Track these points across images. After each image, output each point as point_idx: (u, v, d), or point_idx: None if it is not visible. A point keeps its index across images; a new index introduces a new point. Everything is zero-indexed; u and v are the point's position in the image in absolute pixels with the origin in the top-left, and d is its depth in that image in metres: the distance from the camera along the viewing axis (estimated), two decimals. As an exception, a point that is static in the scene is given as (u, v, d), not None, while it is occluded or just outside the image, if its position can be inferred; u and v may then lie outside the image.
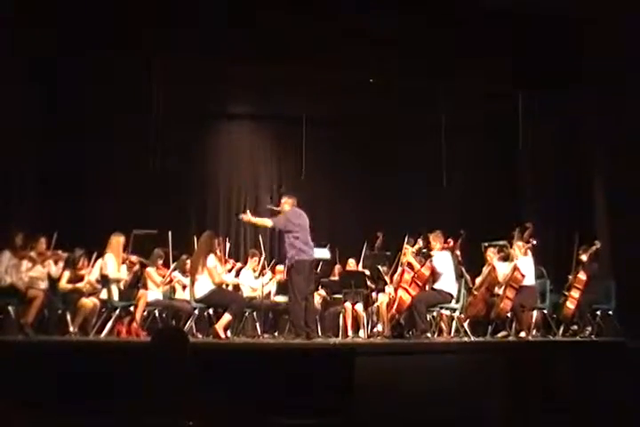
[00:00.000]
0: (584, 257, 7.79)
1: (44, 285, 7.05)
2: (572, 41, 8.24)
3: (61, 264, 7.33)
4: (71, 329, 6.98)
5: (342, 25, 7.78)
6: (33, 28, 7.36)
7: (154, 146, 8.92)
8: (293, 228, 6.60)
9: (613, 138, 8.18)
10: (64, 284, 7.38)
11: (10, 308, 6.79)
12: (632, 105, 7.68)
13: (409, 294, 7.04)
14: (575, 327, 7.67)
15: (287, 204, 6.85)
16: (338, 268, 8.55)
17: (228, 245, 8.33)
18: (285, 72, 8.66)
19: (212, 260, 6.63)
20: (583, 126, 8.92)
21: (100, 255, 7.26)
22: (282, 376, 4.50)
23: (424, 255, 7.40)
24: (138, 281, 7.60)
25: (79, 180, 9.11)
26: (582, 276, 7.68)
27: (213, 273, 6.59)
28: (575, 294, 7.62)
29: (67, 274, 7.39)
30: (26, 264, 6.98)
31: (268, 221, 6.82)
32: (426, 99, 9.33)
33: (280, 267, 8.39)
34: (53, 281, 7.29)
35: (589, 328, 7.38)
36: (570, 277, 7.87)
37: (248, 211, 7.08)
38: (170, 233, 7.31)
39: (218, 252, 7.08)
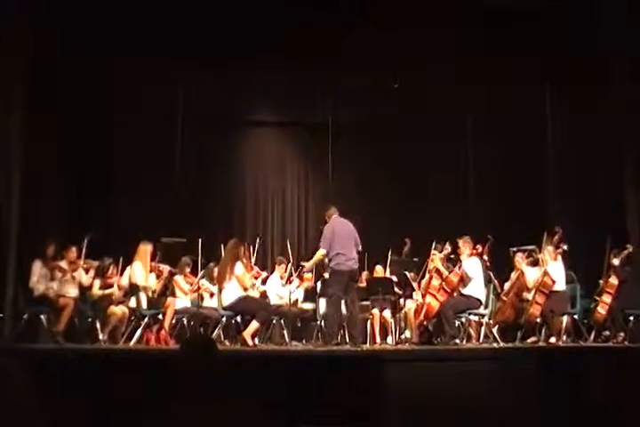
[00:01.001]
0: (616, 261, 7.65)
1: (74, 293, 7.15)
2: (598, 37, 8.12)
3: (92, 273, 7.44)
4: (101, 337, 7.07)
5: (367, 29, 7.78)
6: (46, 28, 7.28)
7: (181, 154, 9.01)
8: (332, 243, 6.67)
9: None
10: (96, 291, 7.47)
11: (42, 316, 6.90)
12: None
13: (437, 300, 7.01)
14: (607, 333, 7.54)
15: (328, 218, 6.96)
16: (365, 274, 8.51)
17: (254, 252, 8.34)
18: (312, 77, 8.71)
19: (239, 267, 6.66)
20: (613, 124, 8.76)
21: (129, 264, 7.34)
22: (310, 384, 4.50)
23: (452, 261, 7.35)
24: (166, 289, 7.67)
25: (108, 188, 9.19)
26: (614, 280, 7.54)
27: (243, 280, 6.62)
28: (606, 298, 7.49)
29: (97, 282, 7.49)
30: (56, 273, 7.09)
31: (320, 252, 6.81)
32: (452, 102, 9.30)
33: (307, 275, 8.40)
34: (84, 290, 7.39)
35: (622, 334, 7.24)
36: (601, 281, 7.74)
37: (302, 263, 7.36)
38: (200, 241, 7.37)
39: (244, 259, 7.11)
